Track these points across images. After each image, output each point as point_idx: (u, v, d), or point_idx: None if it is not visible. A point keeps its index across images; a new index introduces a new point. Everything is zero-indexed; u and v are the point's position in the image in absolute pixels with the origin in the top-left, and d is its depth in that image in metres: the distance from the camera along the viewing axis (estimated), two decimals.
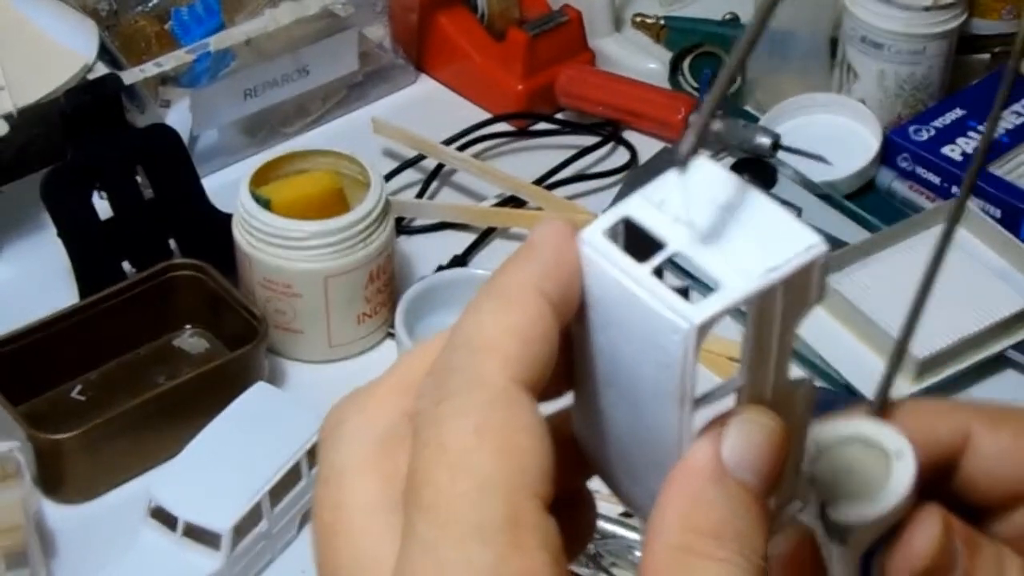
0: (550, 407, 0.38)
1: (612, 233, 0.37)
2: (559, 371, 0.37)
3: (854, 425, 0.42)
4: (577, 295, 0.37)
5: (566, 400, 0.40)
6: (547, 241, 0.37)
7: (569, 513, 0.36)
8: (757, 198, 0.37)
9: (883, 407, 0.43)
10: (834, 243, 1.11)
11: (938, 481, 0.43)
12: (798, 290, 0.36)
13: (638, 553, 0.92)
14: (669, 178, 0.37)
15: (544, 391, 0.36)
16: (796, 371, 0.39)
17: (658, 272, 0.36)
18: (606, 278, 0.36)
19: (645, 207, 0.37)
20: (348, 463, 0.37)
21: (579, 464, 0.40)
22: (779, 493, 0.38)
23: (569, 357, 0.39)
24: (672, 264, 0.36)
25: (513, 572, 0.33)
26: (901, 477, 0.41)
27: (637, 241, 0.36)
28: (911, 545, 0.41)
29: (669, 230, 0.36)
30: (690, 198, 0.36)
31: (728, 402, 0.38)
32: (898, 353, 0.44)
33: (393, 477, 0.36)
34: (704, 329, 0.35)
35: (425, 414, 0.35)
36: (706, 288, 0.35)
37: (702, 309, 0.35)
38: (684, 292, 0.35)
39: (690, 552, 0.35)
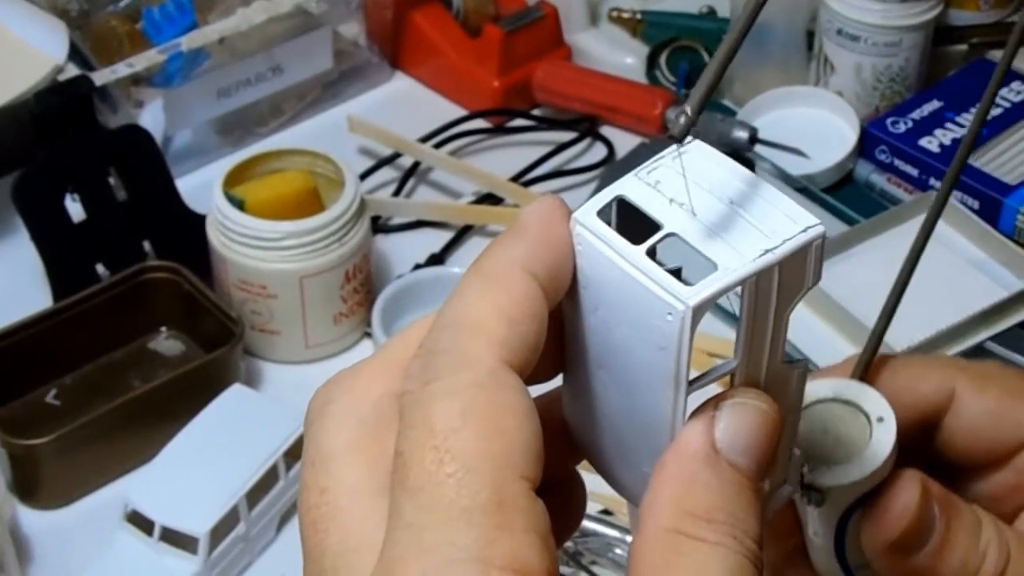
0: (540, 390, 0.38)
1: (606, 213, 0.36)
2: (549, 353, 0.37)
3: (836, 385, 0.42)
4: (567, 275, 0.37)
5: (556, 383, 0.40)
6: (536, 220, 0.37)
7: (559, 497, 0.36)
8: (753, 180, 0.36)
9: (867, 368, 0.42)
10: None
11: (920, 438, 0.43)
12: (794, 272, 0.36)
13: (619, 551, 0.91)
14: (665, 159, 0.36)
15: (533, 373, 0.36)
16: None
17: (651, 253, 0.35)
18: (599, 258, 0.36)
19: (640, 187, 0.36)
20: (335, 445, 0.37)
21: (569, 447, 0.40)
22: (772, 476, 0.37)
23: (559, 339, 0.38)
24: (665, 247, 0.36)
25: (500, 555, 0.33)
26: (881, 442, 0.40)
27: (631, 221, 0.36)
28: (888, 512, 0.41)
29: (665, 211, 0.36)
30: (686, 179, 0.36)
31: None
32: (887, 314, 0.43)
33: (380, 459, 0.36)
34: (700, 310, 0.34)
35: (412, 395, 0.35)
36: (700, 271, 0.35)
37: (698, 290, 0.34)
38: (677, 273, 0.35)
39: (682, 535, 0.34)
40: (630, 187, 0.36)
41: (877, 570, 0.42)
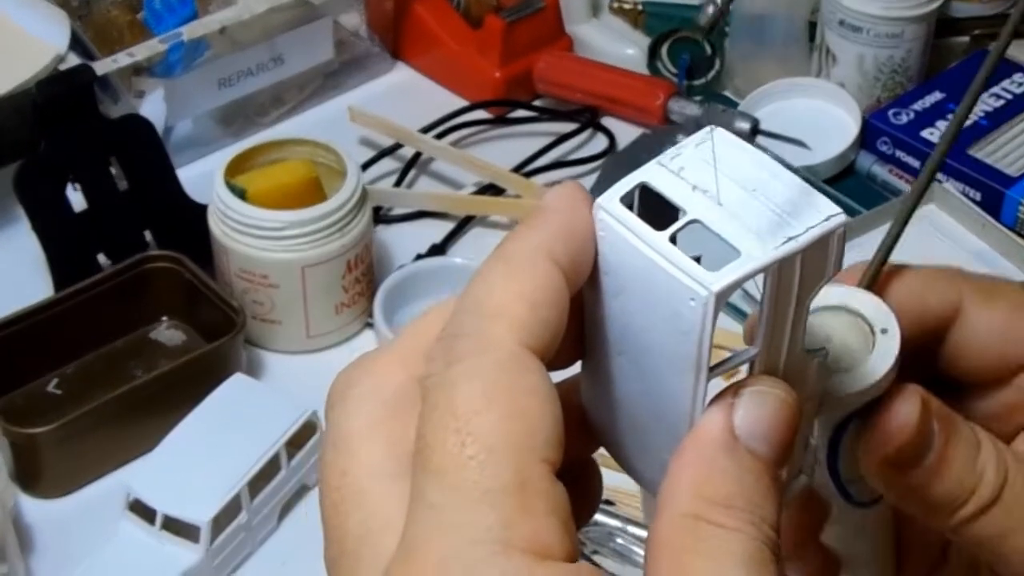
0: (558, 377, 0.38)
1: (628, 199, 0.36)
2: (568, 339, 0.37)
3: (842, 294, 0.41)
4: (589, 261, 0.37)
5: (575, 369, 0.40)
6: (559, 206, 0.37)
7: (575, 484, 0.36)
8: (776, 168, 0.36)
9: (876, 278, 0.42)
10: None
11: (924, 352, 0.43)
12: (816, 260, 0.36)
13: (620, 540, 0.91)
14: (688, 146, 0.37)
15: (554, 359, 0.36)
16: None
17: (674, 240, 0.35)
18: (622, 244, 0.36)
19: (663, 174, 0.36)
20: (356, 427, 0.37)
21: (586, 434, 0.40)
22: (790, 464, 0.37)
23: (579, 325, 0.38)
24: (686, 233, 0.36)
25: (521, 536, 0.33)
26: (883, 355, 0.40)
27: (654, 208, 0.36)
28: (886, 426, 0.40)
29: (688, 198, 0.36)
30: (709, 167, 0.36)
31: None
32: (901, 221, 0.43)
33: (402, 441, 0.36)
34: (723, 296, 0.34)
35: (434, 378, 0.35)
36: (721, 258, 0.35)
37: (721, 276, 0.34)
38: (699, 260, 0.35)
39: (701, 521, 0.34)
40: (653, 174, 0.36)
41: (871, 485, 0.42)
